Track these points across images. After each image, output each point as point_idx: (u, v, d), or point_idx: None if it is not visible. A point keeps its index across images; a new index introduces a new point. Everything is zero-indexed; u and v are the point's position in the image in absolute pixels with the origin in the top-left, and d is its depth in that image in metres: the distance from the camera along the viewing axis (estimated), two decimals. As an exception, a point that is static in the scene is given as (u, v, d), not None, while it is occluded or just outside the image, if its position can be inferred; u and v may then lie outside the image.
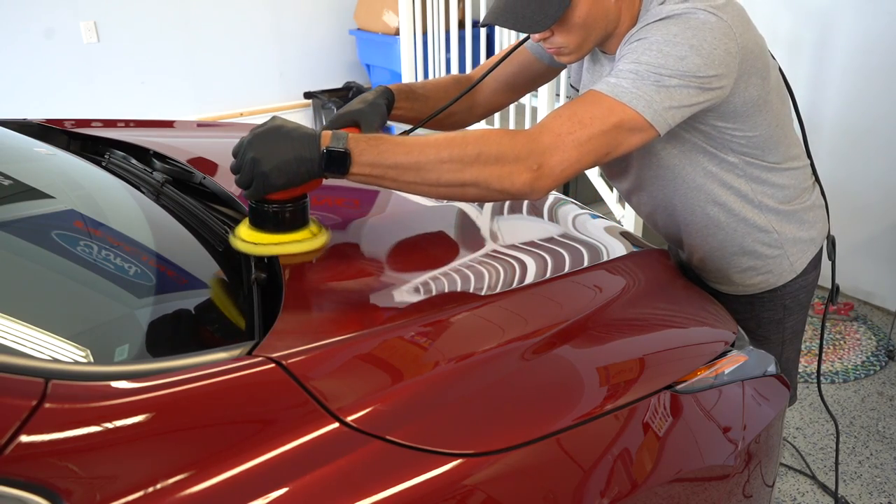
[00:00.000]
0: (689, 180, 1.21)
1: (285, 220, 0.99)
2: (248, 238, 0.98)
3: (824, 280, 1.44)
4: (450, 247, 1.16)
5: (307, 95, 4.76)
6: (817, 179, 1.33)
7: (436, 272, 1.03)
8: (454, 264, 1.07)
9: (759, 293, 1.33)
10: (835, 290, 1.43)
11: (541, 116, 3.25)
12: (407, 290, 0.98)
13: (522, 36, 1.36)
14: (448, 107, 1.27)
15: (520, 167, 0.96)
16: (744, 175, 1.20)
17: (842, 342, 2.69)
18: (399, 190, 1.00)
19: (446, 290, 0.99)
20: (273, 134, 0.92)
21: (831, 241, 1.36)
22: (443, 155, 0.95)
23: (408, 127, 1.27)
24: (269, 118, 0.97)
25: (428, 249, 1.14)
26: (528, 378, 0.87)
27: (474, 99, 1.37)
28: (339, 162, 0.92)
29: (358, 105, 1.16)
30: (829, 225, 1.36)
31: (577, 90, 1.32)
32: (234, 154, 0.94)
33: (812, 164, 1.31)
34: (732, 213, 1.23)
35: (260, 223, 0.99)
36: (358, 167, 0.94)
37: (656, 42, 1.01)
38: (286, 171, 0.92)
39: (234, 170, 0.94)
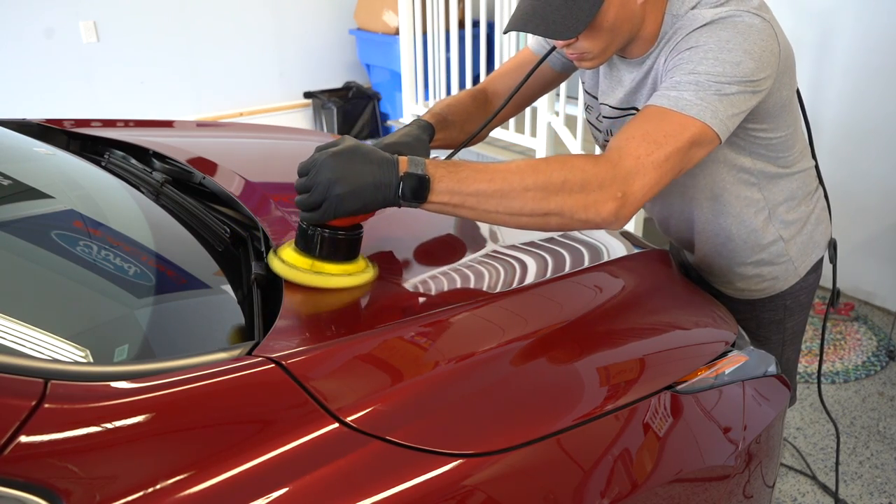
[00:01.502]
0: (707, 191, 1.21)
1: (341, 249, 0.93)
2: (294, 262, 0.92)
3: (825, 280, 1.44)
4: (450, 247, 1.16)
5: (307, 95, 4.76)
6: (821, 182, 1.33)
7: (436, 272, 1.03)
8: (454, 264, 1.07)
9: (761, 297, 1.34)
10: (836, 295, 1.43)
11: (541, 116, 3.25)
12: (407, 290, 0.98)
13: (530, 40, 1.35)
14: (480, 130, 1.25)
15: (604, 195, 0.92)
16: (759, 184, 1.21)
17: (842, 342, 2.69)
18: (476, 219, 0.95)
19: (446, 291, 0.99)
20: (351, 155, 0.87)
21: (833, 245, 1.36)
22: (527, 182, 0.90)
23: (448, 152, 1.23)
24: (340, 138, 0.92)
25: (428, 249, 1.14)
26: (528, 378, 0.87)
27: (487, 112, 1.33)
28: (417, 188, 0.88)
29: (404, 139, 1.12)
30: (831, 228, 1.36)
31: (595, 97, 1.29)
32: (302, 172, 0.89)
33: (817, 166, 1.31)
34: (745, 224, 1.24)
35: (313, 249, 0.92)
36: (436, 195, 0.89)
37: (711, 49, 0.99)
38: (362, 195, 0.87)
39: (302, 189, 0.88)
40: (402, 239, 1.15)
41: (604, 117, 1.26)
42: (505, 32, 1.07)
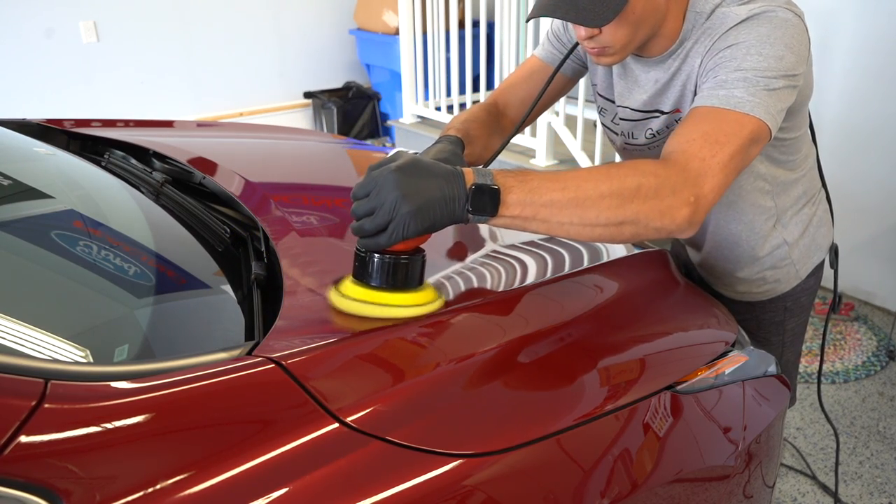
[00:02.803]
0: (723, 196, 1.20)
1: (412, 275, 0.86)
2: (362, 297, 0.85)
3: (825, 281, 1.43)
4: (450, 247, 1.16)
5: (307, 95, 4.76)
6: (824, 183, 1.32)
7: (435, 272, 1.03)
8: (454, 265, 1.07)
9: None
10: (838, 300, 1.43)
11: (541, 117, 3.24)
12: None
13: (536, 48, 1.33)
14: (505, 144, 1.22)
15: (678, 201, 0.88)
16: (772, 191, 1.20)
17: (842, 342, 2.69)
18: (545, 233, 0.89)
19: (446, 290, 0.99)
20: (415, 169, 0.81)
21: (834, 250, 1.36)
22: (602, 189, 0.85)
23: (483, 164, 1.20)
24: (394, 153, 0.85)
25: (428, 249, 1.14)
26: (528, 378, 0.87)
27: (502, 125, 1.30)
28: (488, 201, 0.82)
29: (441, 154, 1.07)
30: (833, 230, 1.36)
31: (611, 100, 1.26)
32: (361, 194, 0.82)
33: (820, 168, 1.31)
34: (754, 231, 1.24)
35: (372, 278, 0.85)
36: (508, 207, 0.84)
37: (753, 45, 0.97)
38: (431, 212, 0.81)
39: (364, 212, 0.81)
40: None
41: (621, 119, 1.23)
42: (528, 20, 1.04)
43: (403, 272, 0.85)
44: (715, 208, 1.23)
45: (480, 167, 0.85)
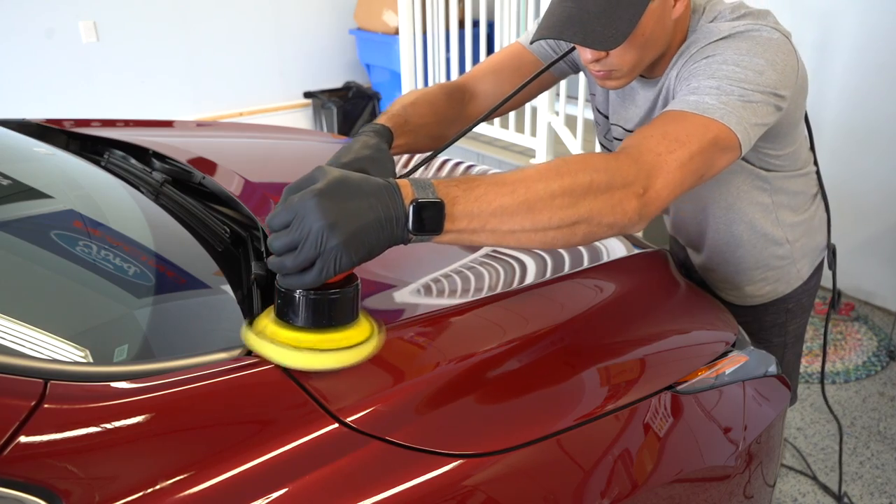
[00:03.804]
0: (721, 200, 1.20)
1: (342, 311, 0.74)
2: (282, 339, 0.72)
3: (826, 281, 1.43)
4: (449, 247, 1.16)
5: (307, 95, 4.76)
6: (822, 186, 1.32)
7: (436, 272, 1.03)
8: (454, 265, 1.07)
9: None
10: (836, 298, 1.43)
11: (541, 116, 3.25)
12: (407, 291, 0.98)
13: (522, 35, 1.30)
14: (458, 139, 1.11)
15: (627, 193, 0.82)
16: (770, 188, 1.19)
17: (843, 342, 2.68)
18: (495, 244, 0.81)
19: (446, 291, 0.99)
20: (342, 189, 0.68)
21: (832, 251, 1.36)
22: (553, 187, 0.78)
23: (425, 155, 1.11)
24: (314, 170, 0.71)
25: (427, 249, 1.14)
26: (528, 378, 0.87)
27: (466, 113, 1.21)
28: (431, 218, 0.72)
29: (364, 152, 0.96)
30: (830, 231, 1.36)
31: (606, 116, 1.23)
32: (279, 226, 0.69)
33: (818, 171, 1.30)
34: (755, 230, 1.23)
35: (298, 318, 0.72)
36: (453, 221, 0.74)
37: (730, 57, 0.94)
38: (365, 240, 0.69)
39: (285, 248, 0.68)
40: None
41: (615, 139, 1.21)
42: (533, 41, 0.98)
43: (333, 309, 0.73)
44: (711, 213, 1.23)
45: (419, 178, 0.74)
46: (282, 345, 0.72)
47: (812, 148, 1.27)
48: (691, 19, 1.05)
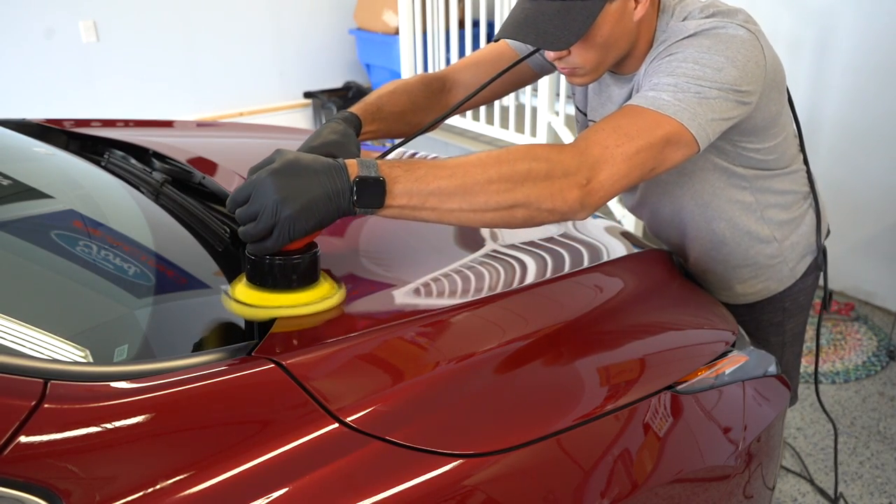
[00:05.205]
0: (697, 198, 1.21)
1: (302, 274, 0.85)
2: (251, 301, 0.84)
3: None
4: (449, 247, 1.16)
5: (307, 95, 4.76)
6: (812, 186, 1.31)
7: (436, 272, 1.03)
8: (454, 264, 1.07)
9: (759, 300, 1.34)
10: (828, 298, 1.43)
11: (541, 116, 3.26)
12: (407, 291, 0.98)
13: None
14: (431, 126, 1.19)
15: (569, 183, 0.88)
16: (750, 187, 1.20)
17: (842, 342, 2.69)
18: (437, 221, 0.88)
19: (446, 291, 0.99)
20: (293, 168, 0.79)
21: (823, 252, 1.35)
22: (490, 174, 0.85)
23: (397, 141, 1.17)
24: (274, 152, 0.83)
25: (427, 249, 1.14)
26: (528, 378, 0.87)
27: (442, 103, 1.27)
28: (373, 193, 0.81)
29: (331, 137, 1.05)
30: (823, 232, 1.35)
31: (585, 114, 1.25)
32: (241, 200, 0.80)
33: (808, 171, 1.29)
34: (737, 227, 1.23)
35: (266, 281, 0.84)
36: (394, 197, 0.83)
37: (691, 55, 0.98)
38: (315, 211, 0.79)
39: (246, 218, 0.80)
40: (403, 239, 1.15)
41: None
42: (495, 40, 1.04)
43: (297, 272, 0.85)
44: (688, 212, 1.23)
45: (365, 159, 0.83)
46: (258, 306, 0.84)
47: (802, 147, 1.27)
48: (661, 19, 1.08)
